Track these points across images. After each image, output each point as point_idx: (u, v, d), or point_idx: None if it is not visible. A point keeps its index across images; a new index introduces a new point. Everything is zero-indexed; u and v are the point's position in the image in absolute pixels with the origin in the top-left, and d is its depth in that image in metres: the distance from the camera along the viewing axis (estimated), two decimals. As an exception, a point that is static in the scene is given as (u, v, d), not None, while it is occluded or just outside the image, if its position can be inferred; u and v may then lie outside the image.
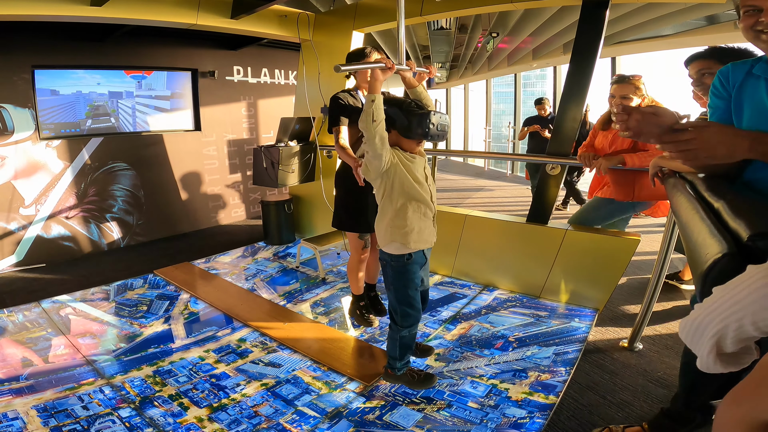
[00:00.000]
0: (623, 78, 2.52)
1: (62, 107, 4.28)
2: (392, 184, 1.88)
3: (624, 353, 2.49)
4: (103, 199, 4.61)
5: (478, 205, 6.63)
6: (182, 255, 4.26)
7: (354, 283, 2.75)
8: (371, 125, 1.75)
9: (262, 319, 2.92)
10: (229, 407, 2.06)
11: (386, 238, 1.94)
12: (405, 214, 1.89)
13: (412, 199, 1.89)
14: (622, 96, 2.50)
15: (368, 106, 1.75)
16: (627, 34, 5.51)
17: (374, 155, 1.80)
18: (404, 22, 2.00)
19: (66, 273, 3.96)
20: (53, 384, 2.24)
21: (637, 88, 2.49)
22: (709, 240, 0.75)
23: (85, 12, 3.13)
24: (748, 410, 0.43)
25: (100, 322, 2.95)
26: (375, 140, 1.76)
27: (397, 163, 1.86)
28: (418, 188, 1.90)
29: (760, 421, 0.42)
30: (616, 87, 2.53)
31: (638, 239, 2.74)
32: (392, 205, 1.90)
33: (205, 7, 3.65)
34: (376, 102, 1.75)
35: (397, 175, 1.87)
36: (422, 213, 1.93)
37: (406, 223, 1.89)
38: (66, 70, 4.26)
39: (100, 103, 4.52)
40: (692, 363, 1.66)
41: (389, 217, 1.92)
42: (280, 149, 3.87)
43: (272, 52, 5.93)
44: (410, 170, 1.89)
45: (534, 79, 23.60)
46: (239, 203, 5.94)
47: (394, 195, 1.89)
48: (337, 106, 2.45)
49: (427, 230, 1.96)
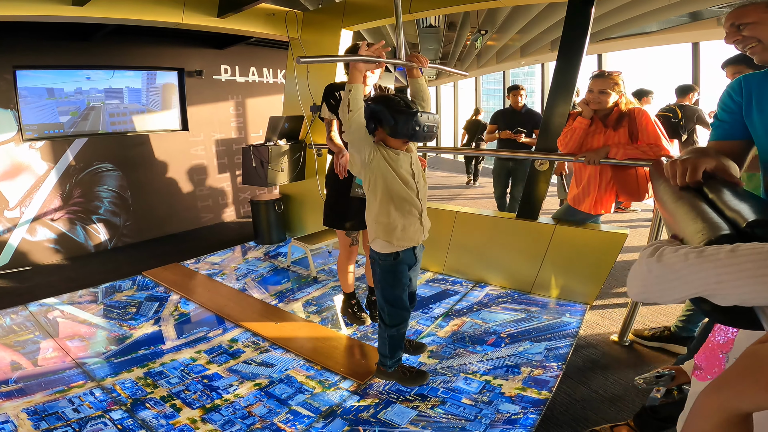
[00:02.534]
0: (603, 73, 2.54)
1: (45, 108, 4.21)
2: (375, 178, 1.87)
3: (614, 347, 2.52)
4: (88, 200, 4.55)
5: (469, 202, 6.67)
6: (171, 256, 4.21)
7: (344, 281, 2.75)
8: (347, 115, 1.77)
9: (254, 319, 2.90)
10: (222, 408, 2.05)
11: (372, 233, 1.94)
12: (388, 210, 1.87)
13: (395, 196, 1.86)
14: (600, 90, 2.51)
15: (345, 95, 1.77)
16: (613, 31, 5.56)
17: (353, 146, 1.82)
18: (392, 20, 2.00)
19: (53, 276, 3.90)
20: (43, 387, 2.21)
21: (616, 83, 2.50)
22: (701, 224, 0.71)
23: (67, 12, 3.07)
24: (728, 398, 0.43)
25: (89, 325, 2.91)
26: (351, 129, 1.79)
27: (380, 158, 1.85)
28: (401, 185, 1.87)
29: (738, 410, 0.42)
30: (595, 81, 2.54)
31: (626, 234, 2.78)
32: (375, 200, 1.89)
33: (191, 6, 3.61)
34: (353, 92, 1.77)
35: (380, 170, 1.85)
36: (406, 210, 1.89)
37: (389, 220, 1.87)
38: (49, 70, 4.19)
39: (84, 103, 4.45)
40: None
41: (374, 212, 1.91)
42: (269, 148, 3.85)
43: (260, 51, 5.88)
44: (394, 167, 1.86)
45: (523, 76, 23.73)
46: (229, 203, 5.90)
47: (378, 190, 1.87)
48: (332, 96, 2.46)
49: (412, 228, 1.92)
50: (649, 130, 2.45)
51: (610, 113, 2.55)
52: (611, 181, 2.64)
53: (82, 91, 4.42)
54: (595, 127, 2.62)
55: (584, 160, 2.57)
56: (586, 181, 2.72)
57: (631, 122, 2.51)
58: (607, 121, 2.57)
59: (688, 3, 4.15)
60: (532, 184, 3.14)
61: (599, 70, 2.56)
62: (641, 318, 2.78)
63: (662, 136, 2.44)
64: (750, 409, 0.42)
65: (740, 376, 0.43)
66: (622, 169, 2.59)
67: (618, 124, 2.54)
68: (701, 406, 0.47)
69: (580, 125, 2.61)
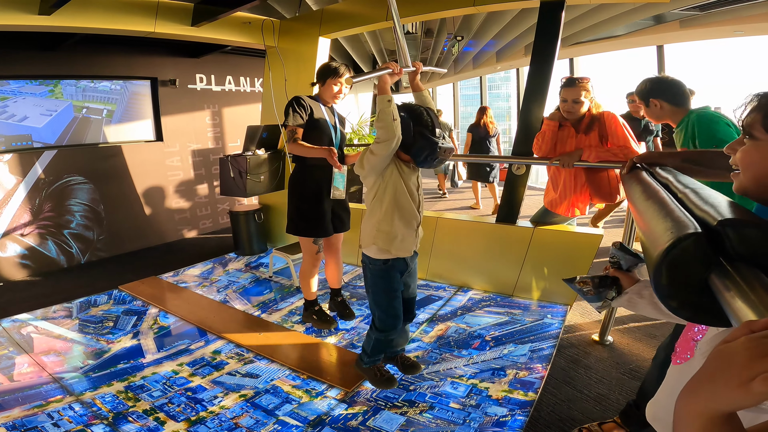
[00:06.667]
0: (573, 81, 2.56)
1: (11, 119, 4.07)
2: (386, 187, 1.88)
3: (596, 347, 2.57)
4: (59, 214, 4.41)
5: (449, 207, 6.72)
6: (148, 269, 4.12)
7: (307, 288, 2.76)
8: (391, 124, 1.74)
9: (237, 330, 2.86)
10: (207, 420, 2.01)
11: (368, 239, 1.94)
12: (392, 219, 1.89)
13: (401, 207, 1.90)
14: (574, 100, 2.56)
15: (386, 105, 1.75)
16: (583, 35, 5.71)
17: (384, 152, 1.78)
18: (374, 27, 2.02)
19: (25, 291, 3.77)
20: (20, 402, 2.15)
21: (587, 90, 2.55)
22: (670, 223, 0.70)
23: (33, 21, 2.96)
24: (705, 401, 0.44)
25: (64, 340, 2.82)
26: (394, 140, 1.76)
27: (394, 169, 1.87)
28: (408, 197, 1.91)
29: (718, 411, 0.43)
30: (567, 91, 2.56)
31: (601, 235, 2.84)
32: (381, 208, 1.90)
33: (164, 15, 3.53)
34: (393, 102, 1.77)
35: (392, 180, 1.88)
36: (407, 221, 1.93)
37: (392, 229, 1.89)
38: (13, 80, 4.05)
39: (52, 114, 4.33)
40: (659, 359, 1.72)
41: (376, 219, 1.91)
42: (247, 158, 3.80)
43: (237, 59, 5.83)
44: (405, 179, 1.90)
45: (499, 81, 24.04)
46: (207, 214, 5.80)
47: (386, 198, 1.89)
48: (300, 105, 2.43)
49: (409, 239, 1.95)
50: (619, 133, 2.52)
51: (582, 118, 2.61)
52: (585, 185, 2.70)
53: (51, 101, 4.30)
54: (567, 132, 2.68)
55: (559, 163, 2.63)
56: (562, 185, 2.77)
57: (601, 126, 2.57)
58: (579, 126, 2.63)
59: (652, 6, 4.29)
60: (510, 188, 3.19)
61: (568, 77, 2.61)
62: (619, 317, 2.84)
63: (630, 138, 2.51)
64: (729, 408, 0.42)
65: (712, 377, 0.43)
66: (594, 173, 2.65)
67: (589, 129, 2.60)
68: (682, 411, 0.47)
69: (548, 128, 2.67)
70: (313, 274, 2.74)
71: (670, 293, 0.65)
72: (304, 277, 2.75)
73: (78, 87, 4.48)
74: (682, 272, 0.63)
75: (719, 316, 0.58)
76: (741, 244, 0.60)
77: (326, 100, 2.57)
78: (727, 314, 0.55)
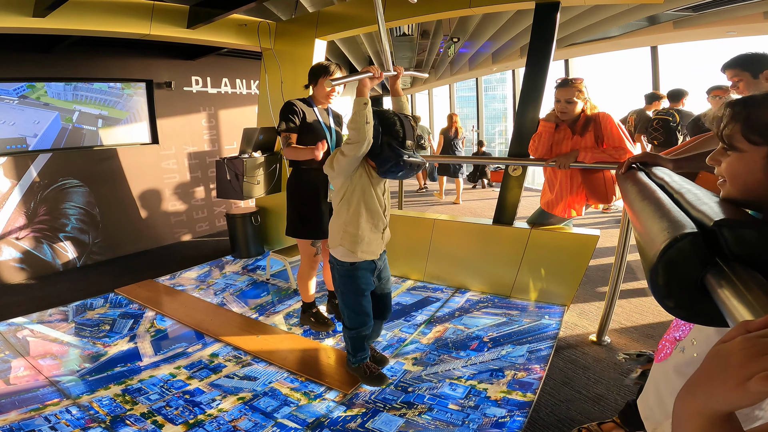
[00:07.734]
0: (566, 82, 2.58)
1: (6, 122, 4.05)
2: (353, 190, 1.91)
3: (594, 347, 2.57)
4: (54, 218, 4.38)
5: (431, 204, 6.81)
6: (145, 272, 4.10)
7: (305, 291, 2.78)
8: (364, 127, 1.75)
9: (235, 333, 2.85)
10: (206, 423, 2.00)
11: (335, 240, 1.98)
12: (358, 221, 1.93)
13: (369, 209, 1.94)
14: (567, 100, 2.57)
15: (362, 108, 1.76)
16: (578, 36, 5.74)
17: (353, 153, 1.80)
18: (370, 29, 2.02)
19: (20, 295, 3.74)
20: (17, 405, 2.14)
21: (580, 90, 2.56)
22: (666, 223, 0.71)
23: (28, 23, 2.95)
24: (703, 401, 0.44)
25: (60, 343, 2.80)
26: (365, 144, 1.77)
27: (363, 172, 1.91)
28: (376, 200, 1.95)
29: (716, 411, 0.43)
30: (561, 91, 2.58)
31: (597, 236, 2.85)
32: (348, 210, 1.93)
33: (159, 17, 3.52)
34: (369, 105, 1.78)
35: (360, 183, 1.91)
36: (374, 224, 1.97)
37: (358, 232, 1.93)
38: (7, 83, 4.03)
39: (47, 117, 4.31)
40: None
41: (342, 221, 1.95)
42: (244, 161, 3.79)
43: (233, 62, 5.82)
44: (374, 183, 1.94)
45: (495, 82, 24.04)
46: (203, 217, 5.78)
47: (353, 200, 1.92)
48: (291, 111, 2.45)
49: (375, 242, 2.00)
50: (614, 134, 2.53)
51: (577, 119, 2.62)
52: (581, 186, 2.72)
53: (44, 104, 4.28)
54: (563, 133, 2.69)
55: (555, 165, 2.64)
56: (558, 187, 2.78)
57: (596, 127, 2.58)
58: (574, 127, 2.64)
59: (646, 8, 4.32)
60: (506, 189, 3.20)
61: (562, 78, 2.62)
62: (617, 317, 2.85)
63: (626, 139, 2.52)
64: (726, 408, 0.43)
65: (709, 378, 0.44)
66: (590, 174, 2.66)
67: (584, 130, 2.61)
68: (681, 412, 0.47)
69: (544, 129, 2.68)
70: (311, 277, 2.75)
71: (666, 293, 0.65)
72: (301, 280, 2.76)
73: (68, 86, 4.46)
74: (679, 272, 0.64)
75: (715, 316, 0.59)
76: (737, 245, 0.61)
77: (320, 100, 2.58)
78: (723, 314, 0.56)
